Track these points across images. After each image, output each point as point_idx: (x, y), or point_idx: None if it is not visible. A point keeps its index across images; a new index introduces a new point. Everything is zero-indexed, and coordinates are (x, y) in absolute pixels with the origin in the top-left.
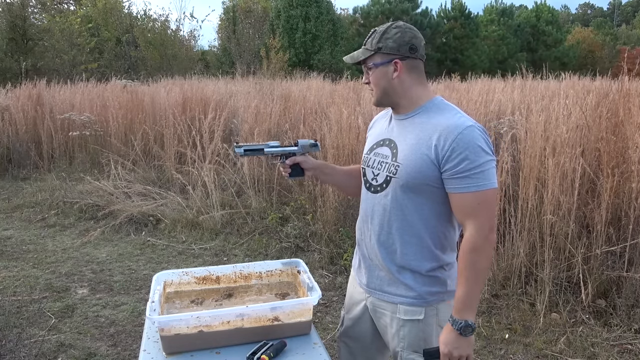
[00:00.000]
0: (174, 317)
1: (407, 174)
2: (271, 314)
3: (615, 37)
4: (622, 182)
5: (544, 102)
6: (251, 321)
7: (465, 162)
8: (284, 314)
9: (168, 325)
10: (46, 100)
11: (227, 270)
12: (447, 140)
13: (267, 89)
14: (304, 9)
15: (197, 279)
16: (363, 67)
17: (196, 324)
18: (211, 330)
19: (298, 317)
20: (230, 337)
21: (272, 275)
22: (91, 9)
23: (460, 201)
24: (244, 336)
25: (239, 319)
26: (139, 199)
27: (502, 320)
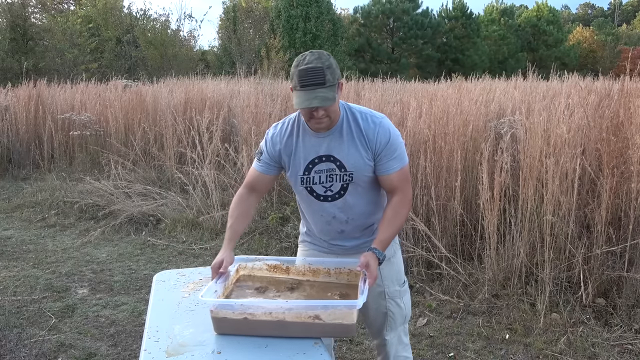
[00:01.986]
0: (223, 302)
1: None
2: (312, 312)
3: (616, 37)
4: (622, 182)
5: (544, 102)
6: (292, 316)
7: None
8: (325, 314)
9: (218, 308)
10: (46, 100)
11: (298, 262)
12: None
13: (268, 89)
14: (304, 9)
15: (268, 267)
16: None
17: (241, 310)
18: (255, 319)
19: (339, 318)
20: (272, 328)
21: (340, 273)
22: (91, 9)
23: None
24: (285, 329)
25: (280, 312)
26: (139, 199)
27: (502, 321)
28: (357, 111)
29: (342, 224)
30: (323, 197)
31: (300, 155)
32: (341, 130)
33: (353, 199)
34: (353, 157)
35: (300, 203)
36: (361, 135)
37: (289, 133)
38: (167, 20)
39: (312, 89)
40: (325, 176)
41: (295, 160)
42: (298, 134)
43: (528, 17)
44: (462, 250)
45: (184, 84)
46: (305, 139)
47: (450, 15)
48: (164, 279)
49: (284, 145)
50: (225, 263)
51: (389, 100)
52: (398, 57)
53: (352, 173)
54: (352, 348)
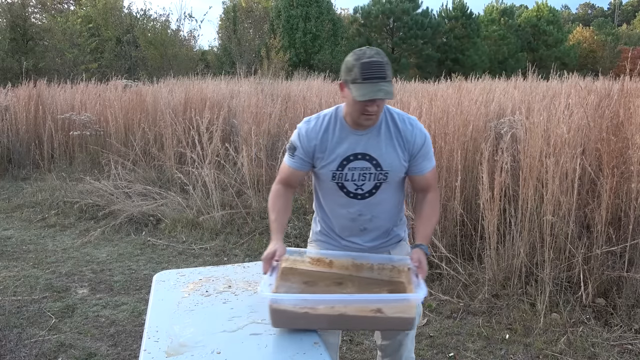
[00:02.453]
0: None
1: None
2: (374, 306)
3: (616, 37)
4: (622, 182)
5: (544, 102)
6: (354, 310)
7: None
8: (387, 307)
9: (278, 302)
10: (46, 100)
11: (341, 256)
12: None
13: (268, 89)
14: (304, 9)
15: (311, 259)
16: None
17: (304, 305)
18: (316, 312)
19: (401, 312)
20: (333, 322)
21: (383, 269)
22: (91, 9)
23: None
24: (346, 323)
25: (342, 306)
26: (139, 199)
27: (502, 321)
28: (394, 112)
29: (366, 222)
30: (353, 194)
31: (335, 151)
32: (379, 130)
33: (381, 198)
34: (390, 157)
35: (324, 199)
36: (399, 136)
37: (324, 128)
38: (167, 20)
39: (375, 82)
40: (358, 174)
41: (330, 156)
42: (335, 130)
43: (528, 17)
44: (462, 250)
45: (184, 84)
46: (342, 135)
47: (450, 15)
48: (163, 279)
49: (319, 141)
50: (278, 253)
51: (388, 101)
52: (398, 57)
53: (387, 172)
54: (352, 348)
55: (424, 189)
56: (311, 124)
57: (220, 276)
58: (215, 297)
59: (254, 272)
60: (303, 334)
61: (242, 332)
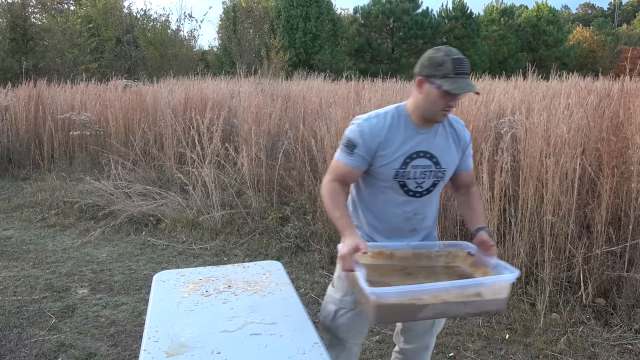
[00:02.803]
0: (393, 290)
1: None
2: (475, 290)
3: (616, 37)
4: (622, 182)
5: (544, 102)
6: (456, 296)
7: None
8: (486, 290)
9: (383, 297)
10: (46, 100)
11: (400, 247)
12: None
13: (268, 89)
14: (304, 9)
15: (372, 253)
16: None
17: (411, 296)
18: (422, 302)
19: (498, 293)
20: (437, 310)
21: (439, 255)
22: (91, 9)
23: None
24: (448, 310)
25: (445, 294)
26: (139, 199)
27: (502, 321)
28: None
29: (419, 221)
30: (412, 193)
31: (399, 149)
32: (437, 129)
33: (433, 197)
34: (448, 154)
35: (375, 199)
36: (455, 135)
37: (389, 126)
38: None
39: (465, 77)
40: (420, 172)
41: (395, 154)
42: (399, 128)
43: (528, 17)
44: None
45: (184, 84)
46: (407, 133)
47: (450, 15)
48: (163, 279)
49: (384, 138)
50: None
51: (389, 100)
52: (398, 57)
53: (445, 171)
54: None
55: (469, 184)
56: (373, 121)
57: (220, 276)
58: (215, 297)
59: (254, 272)
60: (303, 334)
61: (242, 332)
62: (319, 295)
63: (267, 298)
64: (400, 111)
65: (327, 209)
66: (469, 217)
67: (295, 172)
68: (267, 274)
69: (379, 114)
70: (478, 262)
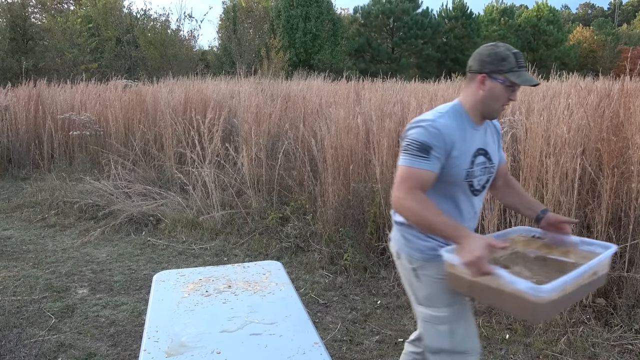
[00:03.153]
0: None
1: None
2: (594, 269)
3: (616, 37)
4: (622, 182)
5: (544, 102)
6: (586, 278)
7: None
8: (600, 268)
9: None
10: (46, 100)
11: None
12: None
13: (268, 89)
14: (304, 9)
15: None
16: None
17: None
18: (568, 292)
19: (604, 269)
20: (577, 295)
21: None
22: (91, 9)
23: None
24: (577, 295)
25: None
26: (139, 199)
27: (502, 321)
28: None
29: (476, 219)
30: (476, 192)
31: (468, 148)
32: (486, 126)
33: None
34: (494, 149)
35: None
36: (495, 130)
37: (456, 125)
38: (167, 20)
39: (525, 69)
40: (480, 169)
41: (464, 153)
42: (464, 126)
43: (528, 17)
44: None
45: (184, 84)
46: (470, 131)
47: (450, 15)
48: (163, 279)
49: (456, 137)
50: (497, 241)
51: (389, 100)
52: (398, 57)
53: (494, 165)
54: (352, 348)
55: (505, 174)
56: (441, 121)
57: (220, 276)
58: (215, 297)
59: (254, 272)
60: (303, 334)
61: (242, 332)
62: (318, 295)
63: (267, 298)
64: (458, 109)
65: (424, 219)
66: (521, 202)
67: (295, 172)
68: (267, 274)
69: (442, 113)
70: (552, 242)
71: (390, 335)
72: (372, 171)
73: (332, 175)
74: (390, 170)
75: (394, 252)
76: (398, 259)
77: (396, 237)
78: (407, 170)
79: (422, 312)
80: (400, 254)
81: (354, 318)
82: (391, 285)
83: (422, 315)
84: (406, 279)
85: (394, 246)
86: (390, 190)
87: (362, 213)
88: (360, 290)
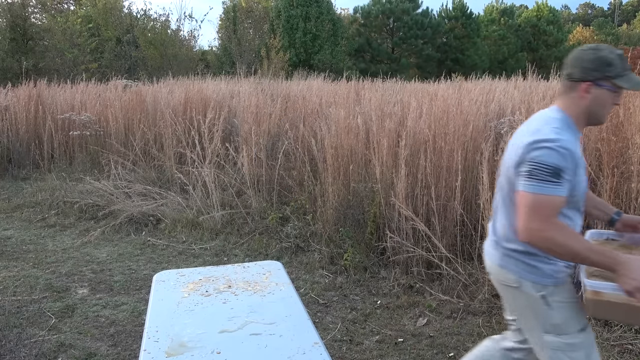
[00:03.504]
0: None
1: None
2: None
3: (616, 37)
4: (622, 182)
5: (544, 102)
6: None
7: None
8: None
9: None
10: (46, 100)
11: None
12: None
13: (268, 89)
14: (304, 9)
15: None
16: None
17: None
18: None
19: None
20: None
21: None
22: (91, 9)
23: None
24: None
25: None
26: (139, 199)
27: (502, 321)
28: None
29: None
30: (582, 206)
31: (583, 161)
32: None
33: None
34: None
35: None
36: None
37: (573, 137)
38: (167, 20)
39: (631, 71)
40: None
41: (583, 168)
42: (576, 137)
43: (528, 17)
44: (462, 250)
45: (184, 84)
46: (578, 142)
47: (450, 15)
48: (163, 279)
49: (579, 154)
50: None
51: (389, 100)
52: (398, 57)
53: None
54: (352, 348)
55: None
56: (564, 137)
57: (220, 276)
58: (215, 297)
59: (254, 272)
60: (303, 334)
61: (242, 332)
62: (318, 295)
63: (267, 298)
64: (566, 120)
65: (571, 250)
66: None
67: (295, 172)
68: (267, 274)
69: (559, 129)
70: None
71: (390, 335)
72: (372, 171)
73: (332, 175)
74: (390, 170)
75: (510, 282)
76: (517, 288)
77: (511, 265)
78: (538, 198)
79: (551, 341)
80: (523, 283)
81: (354, 318)
82: (391, 285)
83: (552, 344)
84: (529, 309)
85: (510, 276)
86: (390, 190)
87: (362, 213)
88: (360, 290)
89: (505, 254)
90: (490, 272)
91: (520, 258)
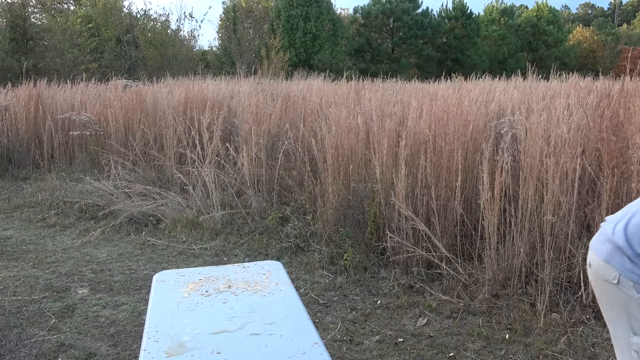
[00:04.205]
0: None
1: None
2: None
3: (616, 37)
4: (622, 182)
5: (544, 102)
6: None
7: None
8: None
9: None
10: (46, 100)
11: None
12: None
13: (268, 89)
14: (304, 9)
15: None
16: None
17: None
18: None
19: None
20: None
21: None
22: (91, 9)
23: None
24: None
25: None
26: (139, 199)
27: (502, 321)
28: None
29: None
30: None
31: None
32: None
33: None
34: None
35: None
36: None
37: None
38: (167, 20)
39: None
40: None
41: None
42: None
43: (528, 17)
44: (462, 250)
45: (184, 84)
46: None
47: (450, 15)
48: (163, 279)
49: None
50: None
51: (389, 100)
52: (398, 57)
53: None
54: (352, 348)
55: None
56: None
57: (220, 276)
58: (215, 297)
59: (254, 272)
60: (303, 334)
61: (242, 332)
62: (318, 295)
63: (267, 298)
64: None
65: None
66: None
67: (295, 172)
68: (267, 274)
69: None
70: None
71: (390, 335)
72: (372, 171)
73: (332, 175)
74: (390, 170)
75: (609, 276)
76: (615, 284)
77: (615, 262)
78: None
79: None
80: (622, 280)
81: (354, 318)
82: (391, 285)
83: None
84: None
85: (611, 270)
86: (390, 190)
87: (362, 213)
88: (360, 290)
89: (614, 249)
90: (591, 264)
91: (634, 259)
